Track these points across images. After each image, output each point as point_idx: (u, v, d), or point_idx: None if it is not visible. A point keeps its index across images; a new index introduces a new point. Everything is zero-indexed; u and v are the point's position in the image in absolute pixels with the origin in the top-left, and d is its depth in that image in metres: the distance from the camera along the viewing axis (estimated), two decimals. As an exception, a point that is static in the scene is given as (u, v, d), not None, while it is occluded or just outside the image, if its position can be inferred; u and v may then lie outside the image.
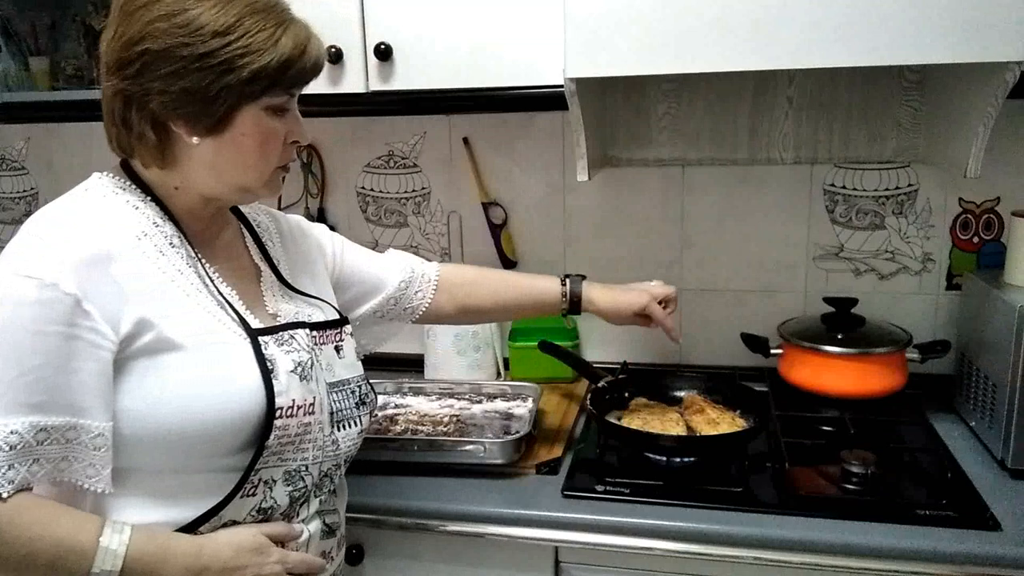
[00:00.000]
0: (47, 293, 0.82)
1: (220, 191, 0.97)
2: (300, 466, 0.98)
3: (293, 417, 0.95)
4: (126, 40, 0.88)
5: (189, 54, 0.86)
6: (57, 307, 0.82)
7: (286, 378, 0.95)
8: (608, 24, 1.24)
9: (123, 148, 0.95)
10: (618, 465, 1.36)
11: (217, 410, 0.90)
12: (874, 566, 1.13)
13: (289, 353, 0.97)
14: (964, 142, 1.30)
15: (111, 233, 0.90)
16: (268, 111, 0.93)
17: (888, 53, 1.17)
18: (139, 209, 0.94)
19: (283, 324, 1.00)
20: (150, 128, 0.90)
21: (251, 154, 0.93)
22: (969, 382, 1.47)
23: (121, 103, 0.90)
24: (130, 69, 0.88)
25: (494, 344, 1.75)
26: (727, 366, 1.71)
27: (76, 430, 0.84)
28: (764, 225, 1.69)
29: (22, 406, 0.81)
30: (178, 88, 0.87)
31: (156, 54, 0.87)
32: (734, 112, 1.65)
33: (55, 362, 0.82)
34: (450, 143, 1.80)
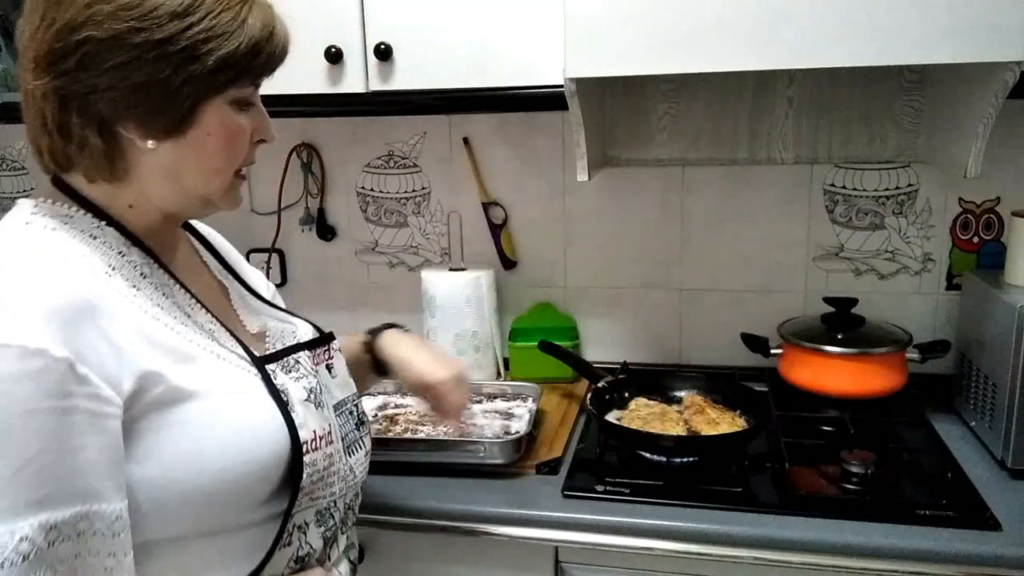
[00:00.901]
0: (34, 362, 0.65)
1: (180, 204, 0.83)
2: (329, 503, 0.89)
3: (319, 450, 0.85)
4: (60, 27, 0.73)
5: (143, 41, 0.72)
6: (48, 377, 0.66)
7: (302, 409, 0.85)
8: (608, 24, 1.24)
9: (58, 162, 0.79)
10: (618, 465, 1.36)
11: (243, 460, 0.78)
12: (874, 566, 1.13)
13: (299, 380, 0.88)
14: (964, 142, 1.29)
15: (81, 275, 0.74)
16: (234, 105, 0.80)
17: (888, 53, 1.17)
18: (97, 238, 0.79)
19: (286, 348, 0.91)
20: (96, 134, 0.76)
21: (217, 157, 0.81)
22: (969, 382, 1.47)
23: (56, 105, 0.75)
24: (67, 63, 0.73)
25: (494, 344, 1.75)
26: (727, 366, 1.71)
27: (90, 519, 0.68)
28: (764, 225, 1.69)
29: (27, 505, 0.65)
30: (131, 83, 0.73)
31: (101, 43, 0.72)
32: (734, 112, 1.65)
33: (55, 445, 0.66)
34: (450, 143, 1.80)
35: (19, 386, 0.65)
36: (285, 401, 0.83)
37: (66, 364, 0.67)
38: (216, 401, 0.77)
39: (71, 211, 0.79)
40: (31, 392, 0.65)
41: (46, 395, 0.66)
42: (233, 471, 0.77)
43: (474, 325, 1.71)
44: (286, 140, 1.85)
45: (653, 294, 1.77)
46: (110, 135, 0.77)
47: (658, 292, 1.77)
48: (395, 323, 1.24)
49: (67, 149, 0.77)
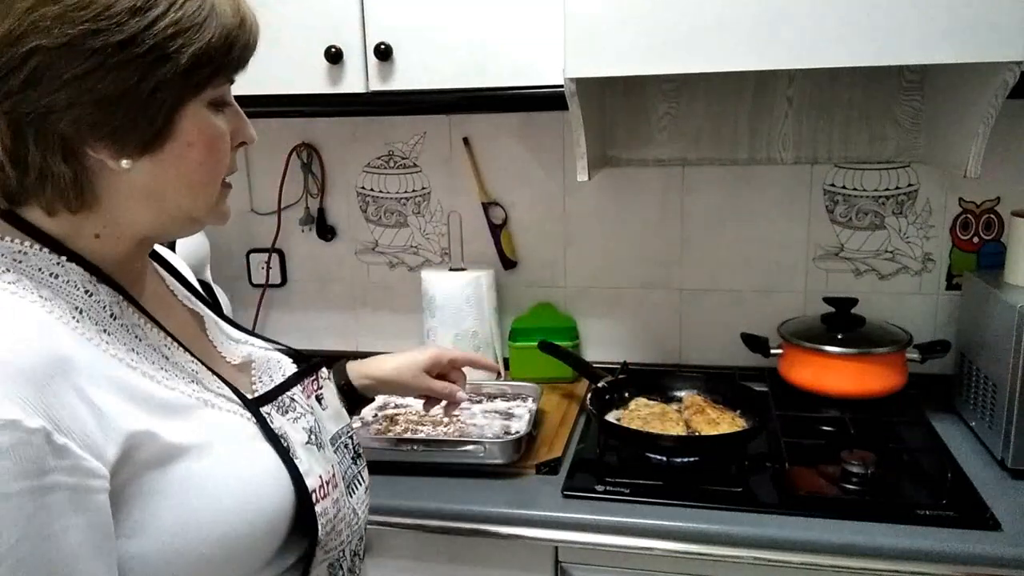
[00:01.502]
0: (5, 437, 0.54)
1: (161, 226, 0.71)
2: (338, 554, 0.79)
3: (327, 497, 0.75)
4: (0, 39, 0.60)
5: (103, 45, 0.61)
6: (23, 453, 0.55)
7: (305, 453, 0.75)
8: (608, 24, 1.24)
9: (10, 196, 0.66)
10: (618, 465, 1.36)
11: (247, 521, 0.68)
12: (874, 566, 1.13)
13: (296, 421, 0.78)
14: (964, 142, 1.30)
15: (47, 325, 0.62)
16: (211, 107, 0.69)
17: (888, 53, 1.17)
18: (59, 277, 0.66)
19: (278, 386, 0.80)
20: (60, 160, 0.63)
21: (202, 169, 0.69)
22: (969, 382, 1.47)
23: (8, 133, 0.62)
24: (13, 81, 0.61)
25: (494, 344, 1.75)
26: (727, 366, 1.71)
27: None
28: (764, 225, 1.69)
29: None
30: (94, 96, 0.62)
31: (52, 52, 0.60)
32: (734, 112, 1.65)
33: (33, 532, 0.55)
34: (450, 143, 1.80)
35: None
36: (286, 447, 0.73)
37: (42, 436, 0.56)
38: (211, 457, 0.67)
39: (24, 247, 0.66)
40: (4, 472, 0.54)
41: (21, 475, 0.55)
42: (235, 534, 0.67)
43: (474, 325, 1.71)
44: (286, 140, 1.85)
45: (653, 294, 1.77)
46: (75, 159, 0.64)
47: (658, 292, 1.77)
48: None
49: (23, 182, 0.64)
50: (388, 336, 1.90)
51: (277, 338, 0.95)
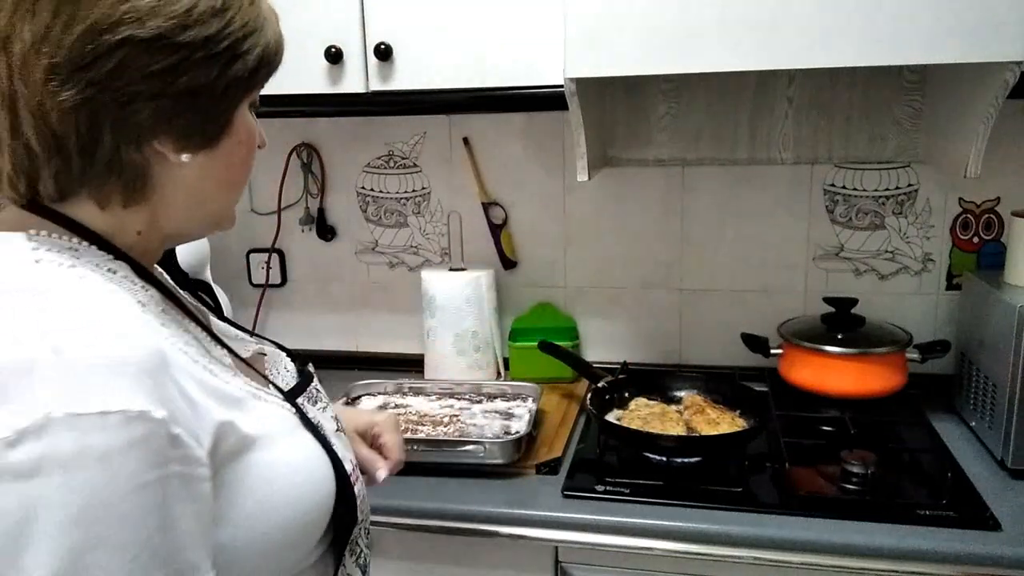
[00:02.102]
0: (137, 429, 0.55)
1: (191, 227, 0.73)
2: (359, 532, 0.83)
3: (358, 480, 0.80)
4: (87, 27, 0.60)
5: (190, 40, 0.63)
6: (152, 444, 0.56)
7: (336, 440, 0.78)
8: (608, 24, 1.24)
9: (63, 189, 0.65)
10: (618, 465, 1.36)
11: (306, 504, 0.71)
12: (874, 566, 1.13)
13: (324, 410, 0.81)
14: (964, 142, 1.30)
15: (144, 319, 0.63)
16: (251, 109, 0.74)
17: (888, 53, 1.17)
18: (117, 273, 0.66)
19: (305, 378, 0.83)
20: (135, 149, 0.65)
21: (243, 168, 0.73)
22: (969, 382, 1.47)
23: (87, 122, 0.62)
24: (101, 69, 0.61)
25: (494, 344, 1.75)
26: (727, 366, 1.71)
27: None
28: (764, 225, 1.69)
29: None
30: (175, 89, 0.63)
31: (143, 44, 0.61)
32: (734, 112, 1.65)
33: (161, 521, 0.57)
34: (450, 143, 1.80)
35: (126, 458, 0.55)
36: (323, 436, 0.75)
37: (165, 426, 0.57)
38: (274, 446, 0.69)
39: (74, 243, 0.66)
40: (138, 463, 0.56)
41: (153, 465, 0.57)
42: (303, 517, 0.71)
43: (474, 325, 1.71)
44: (286, 140, 1.85)
45: (653, 294, 1.77)
46: (143, 150, 0.65)
47: (658, 292, 1.77)
48: None
49: (87, 172, 0.64)
50: (388, 336, 1.90)
51: (277, 339, 0.94)
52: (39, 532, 0.52)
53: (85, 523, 0.54)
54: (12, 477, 0.52)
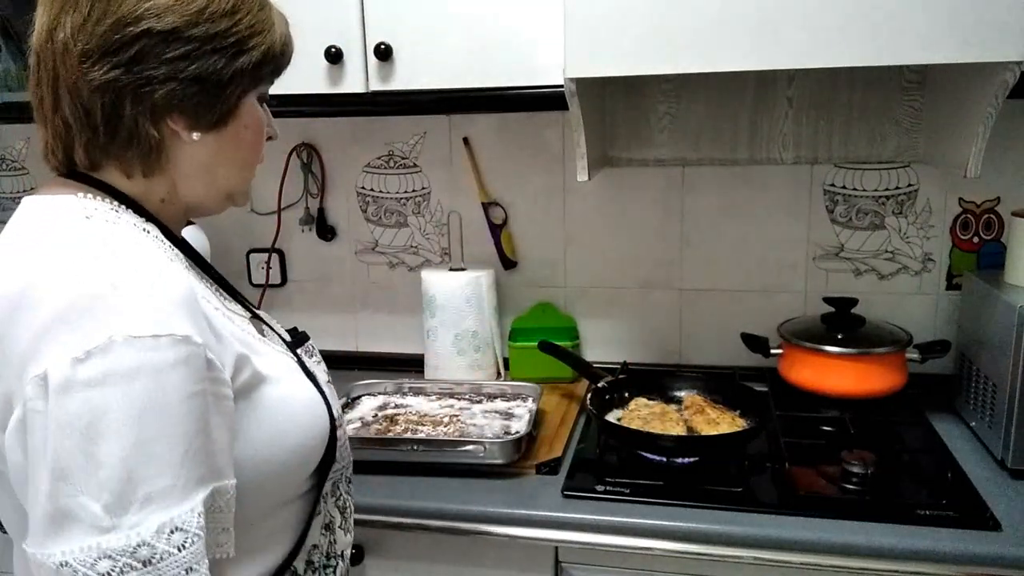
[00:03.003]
0: (183, 349, 0.68)
1: (207, 199, 0.85)
2: (339, 475, 0.93)
3: (341, 426, 0.91)
4: (116, 20, 0.74)
5: (202, 34, 0.76)
6: (195, 363, 0.69)
7: (327, 389, 0.90)
8: (608, 24, 1.24)
9: (93, 158, 0.79)
10: (618, 465, 1.36)
11: (309, 436, 0.84)
12: (874, 566, 1.13)
13: (318, 364, 0.94)
14: (964, 142, 1.30)
15: (171, 264, 0.75)
16: (260, 101, 0.86)
17: (888, 53, 1.17)
18: (149, 233, 0.79)
19: (302, 334, 0.96)
20: (151, 124, 0.77)
21: (249, 150, 0.86)
22: (969, 382, 1.47)
23: (111, 98, 0.75)
24: (124, 55, 0.74)
25: (494, 344, 1.75)
26: (727, 366, 1.71)
27: (218, 495, 0.71)
28: (764, 225, 1.69)
29: (196, 483, 0.68)
30: (187, 75, 0.76)
31: (160, 35, 0.74)
32: (734, 112, 1.65)
33: (204, 426, 0.69)
34: (450, 143, 1.80)
35: (176, 373, 0.67)
36: (318, 383, 0.88)
37: (203, 350, 0.70)
38: (283, 383, 0.82)
39: (114, 205, 0.79)
40: (185, 378, 0.68)
41: (197, 379, 0.69)
42: (297, 446, 0.82)
43: (474, 325, 1.71)
44: (286, 140, 1.85)
45: (653, 294, 1.77)
46: (159, 127, 0.78)
47: (658, 292, 1.77)
48: None
49: (111, 144, 0.77)
50: (388, 336, 1.90)
51: (277, 338, 0.96)
52: (107, 429, 0.64)
53: (145, 422, 0.65)
54: (84, 387, 0.64)
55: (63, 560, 0.63)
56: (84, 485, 0.64)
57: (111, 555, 0.64)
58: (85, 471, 0.64)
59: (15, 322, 0.67)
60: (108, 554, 0.64)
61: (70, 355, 0.64)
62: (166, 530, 0.66)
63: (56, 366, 0.64)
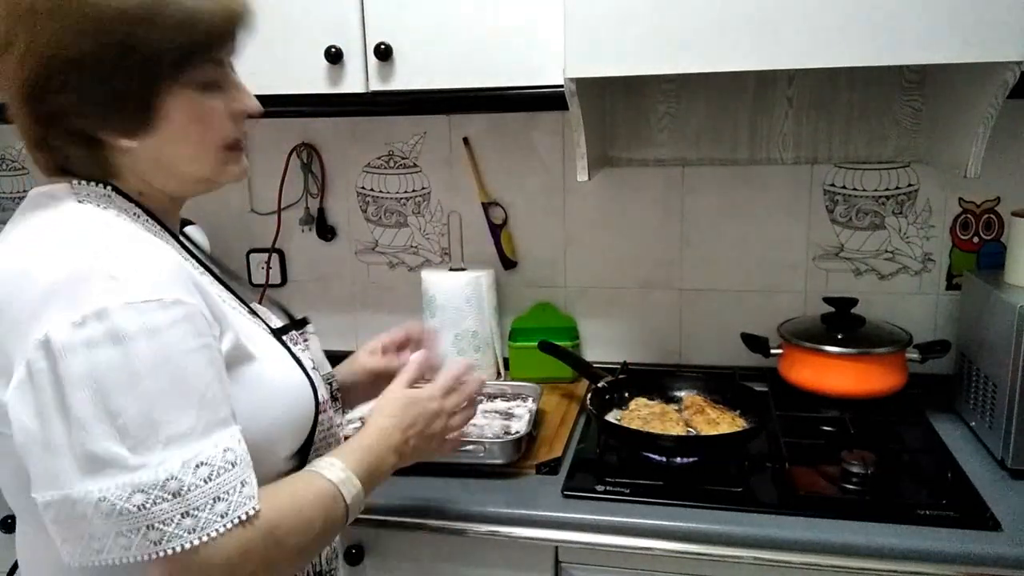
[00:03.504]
0: (176, 311, 0.73)
1: (181, 188, 0.87)
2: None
3: (325, 412, 0.93)
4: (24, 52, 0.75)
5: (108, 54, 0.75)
6: (193, 321, 0.74)
7: (312, 374, 0.92)
8: (608, 24, 1.24)
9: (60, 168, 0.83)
10: (618, 465, 1.36)
11: (292, 414, 0.87)
12: (874, 566, 1.13)
13: (304, 351, 0.96)
14: (964, 142, 1.30)
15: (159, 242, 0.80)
16: (201, 89, 0.82)
17: (888, 53, 1.17)
18: (140, 217, 0.84)
19: (287, 324, 0.98)
20: (82, 145, 0.80)
21: (196, 142, 0.83)
22: (969, 382, 1.47)
23: (42, 127, 0.79)
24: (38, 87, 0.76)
25: (494, 344, 1.75)
26: (727, 366, 1.71)
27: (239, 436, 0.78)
28: (764, 225, 1.69)
29: (218, 424, 0.75)
30: (97, 93, 0.77)
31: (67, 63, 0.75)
32: (734, 112, 1.65)
33: (215, 374, 0.76)
34: (450, 143, 1.80)
35: (176, 330, 0.73)
36: (304, 367, 0.91)
37: (198, 309, 0.76)
38: (269, 362, 0.86)
39: (107, 191, 0.83)
40: (186, 333, 0.74)
41: (197, 334, 0.75)
42: (281, 421, 0.86)
43: (474, 325, 1.71)
44: (286, 140, 1.85)
45: (653, 294, 1.77)
46: (95, 143, 0.80)
47: (658, 292, 1.77)
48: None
49: (67, 160, 0.82)
50: (388, 336, 1.90)
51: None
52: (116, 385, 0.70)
53: (155, 375, 0.71)
54: (85, 347, 0.69)
55: (101, 496, 0.69)
56: (104, 432, 0.69)
57: (143, 489, 0.70)
58: (103, 421, 0.69)
59: (15, 296, 0.72)
60: (141, 488, 0.70)
61: (68, 320, 0.69)
62: (192, 464, 0.72)
63: (57, 330, 0.69)
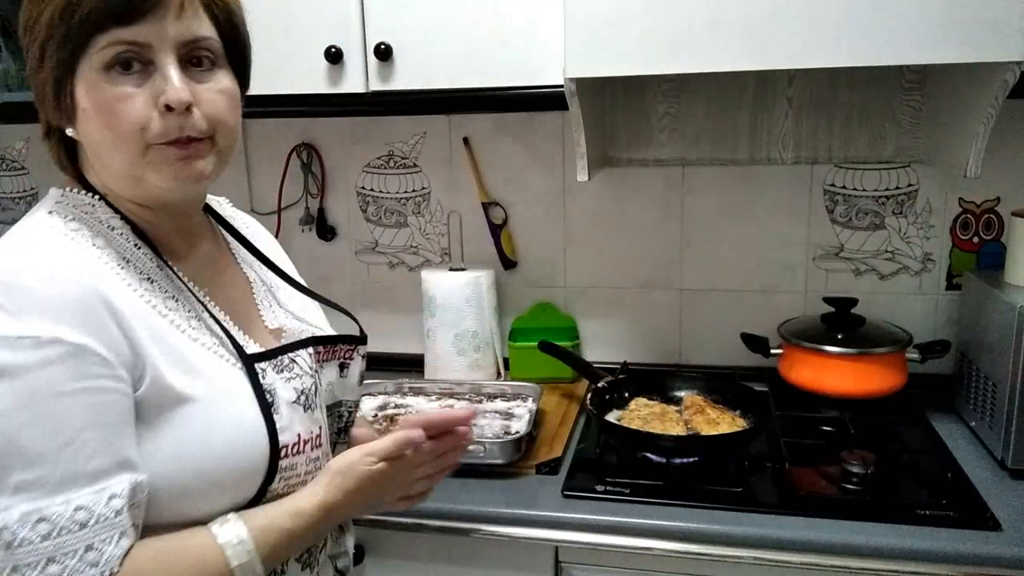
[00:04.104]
0: (53, 350, 0.68)
1: (128, 187, 0.79)
2: None
3: (300, 454, 0.83)
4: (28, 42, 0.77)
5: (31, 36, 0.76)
6: (72, 362, 0.69)
7: (288, 411, 0.82)
8: (608, 24, 1.24)
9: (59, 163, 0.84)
10: (618, 465, 1.36)
11: (232, 461, 0.77)
12: (874, 566, 1.13)
13: (290, 380, 0.84)
14: (964, 142, 1.30)
15: (93, 268, 0.75)
16: (105, 71, 0.73)
17: (888, 53, 1.17)
18: (115, 229, 0.79)
19: (283, 346, 0.87)
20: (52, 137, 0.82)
21: (104, 133, 0.75)
22: (969, 382, 1.47)
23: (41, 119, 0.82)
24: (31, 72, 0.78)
25: (494, 344, 1.75)
26: (727, 366, 1.71)
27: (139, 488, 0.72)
28: (764, 225, 1.69)
29: (75, 476, 0.68)
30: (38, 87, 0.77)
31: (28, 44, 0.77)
32: (734, 112, 1.65)
33: (92, 422, 0.69)
34: (450, 143, 1.80)
35: (44, 372, 0.68)
36: (270, 402, 0.81)
37: (84, 348, 0.69)
38: (205, 405, 0.77)
39: (93, 199, 0.80)
40: (58, 376, 0.68)
41: (78, 376, 0.69)
42: (220, 471, 0.77)
43: (474, 325, 1.71)
44: (286, 140, 1.85)
45: (653, 294, 1.77)
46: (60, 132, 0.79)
47: (658, 292, 1.77)
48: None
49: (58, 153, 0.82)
50: (388, 336, 1.90)
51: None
52: None
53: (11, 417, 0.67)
54: None
55: None
56: None
57: None
58: None
59: None
60: None
61: None
62: (32, 519, 0.67)
63: None
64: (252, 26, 0.86)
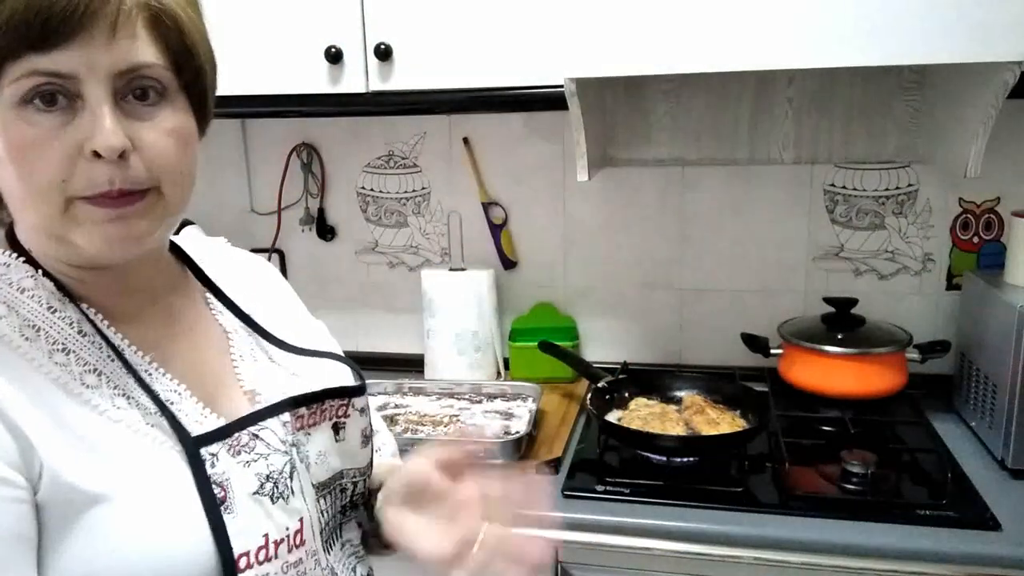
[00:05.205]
0: None
1: (36, 244, 0.67)
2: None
3: (271, 561, 0.66)
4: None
5: None
6: None
7: (247, 506, 0.65)
8: (608, 24, 1.24)
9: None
10: (618, 465, 1.36)
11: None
12: (874, 566, 1.13)
13: (250, 464, 0.67)
14: (964, 142, 1.30)
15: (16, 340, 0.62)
16: (21, 106, 0.59)
17: (888, 53, 1.17)
18: (25, 291, 0.65)
19: (241, 419, 0.69)
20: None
21: (16, 179, 0.60)
22: (969, 382, 1.47)
23: None
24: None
25: (494, 344, 1.75)
26: (727, 366, 1.71)
27: None
28: (764, 225, 1.69)
29: None
30: None
31: None
32: (734, 112, 1.65)
33: None
34: (450, 143, 1.80)
35: None
36: (220, 498, 0.64)
37: None
38: (122, 505, 0.61)
39: (9, 259, 0.66)
40: None
41: None
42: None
43: (474, 325, 1.71)
44: (286, 140, 1.85)
45: (653, 294, 1.77)
46: None
47: (658, 292, 1.77)
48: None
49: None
50: (388, 336, 1.90)
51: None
52: None
53: None
54: None
55: None
56: None
57: None
58: None
59: None
60: None
61: None
62: None
63: None
64: (252, 26, 0.84)
